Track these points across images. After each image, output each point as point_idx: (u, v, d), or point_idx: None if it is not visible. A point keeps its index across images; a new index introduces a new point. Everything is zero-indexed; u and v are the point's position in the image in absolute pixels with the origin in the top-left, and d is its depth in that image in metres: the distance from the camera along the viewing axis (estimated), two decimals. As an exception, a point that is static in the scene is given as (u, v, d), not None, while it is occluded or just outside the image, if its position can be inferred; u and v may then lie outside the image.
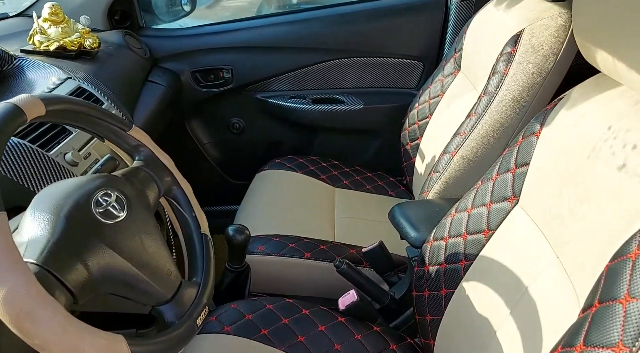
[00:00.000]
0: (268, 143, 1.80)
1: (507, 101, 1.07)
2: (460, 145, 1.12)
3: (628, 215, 0.53)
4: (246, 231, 1.07)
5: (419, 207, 1.09)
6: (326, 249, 1.22)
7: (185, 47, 1.62)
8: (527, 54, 1.05)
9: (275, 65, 1.66)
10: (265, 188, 1.51)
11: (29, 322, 0.49)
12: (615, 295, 0.49)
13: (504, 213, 0.81)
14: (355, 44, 1.63)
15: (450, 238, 0.90)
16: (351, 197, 1.53)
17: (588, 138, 0.65)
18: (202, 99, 1.69)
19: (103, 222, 0.65)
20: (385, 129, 1.69)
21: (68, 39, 1.22)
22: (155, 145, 0.84)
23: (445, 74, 1.43)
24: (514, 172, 0.81)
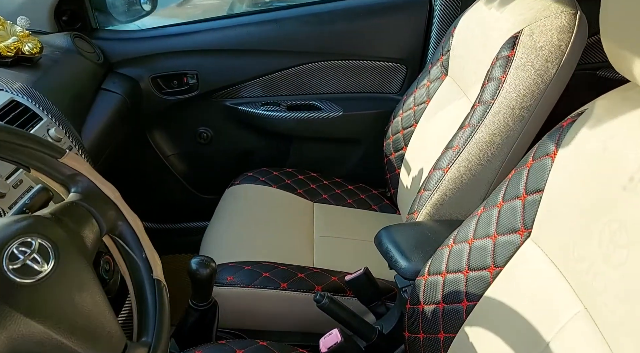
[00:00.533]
0: (239, 154, 1.65)
1: (505, 111, 0.95)
2: (454, 160, 1.00)
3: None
4: (212, 264, 0.93)
5: (409, 231, 0.97)
6: (305, 277, 1.09)
7: (144, 50, 1.46)
8: (526, 58, 0.94)
9: (245, 70, 1.51)
10: (236, 205, 1.37)
11: None
12: None
13: (513, 247, 0.69)
14: (333, 45, 1.50)
15: (449, 274, 0.78)
16: (331, 213, 1.40)
17: (623, 165, 0.54)
18: (164, 107, 1.53)
19: (18, 282, 0.51)
20: (366, 137, 1.56)
21: (3, 44, 1.06)
22: (96, 174, 0.70)
23: (431, 79, 1.32)
24: (524, 199, 0.69)
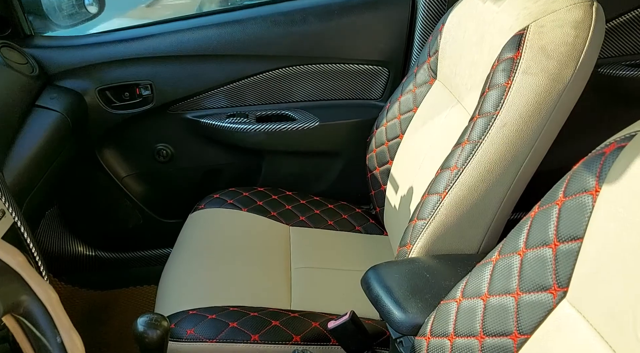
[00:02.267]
0: (203, 173, 1.47)
1: (512, 124, 0.79)
2: (452, 183, 0.84)
3: None
4: (163, 323, 0.75)
5: (402, 272, 0.80)
6: (280, 326, 0.92)
7: (88, 59, 1.27)
8: (535, 60, 0.78)
9: (207, 78, 1.33)
10: (200, 234, 1.20)
11: None
12: None
13: (544, 310, 0.53)
14: (305, 48, 1.33)
15: (458, 338, 0.62)
16: (310, 238, 1.24)
17: None
18: (115, 123, 1.34)
19: None
20: (347, 149, 1.40)
21: None
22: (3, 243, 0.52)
23: (417, 83, 1.16)
24: (556, 248, 0.53)
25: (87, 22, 1.36)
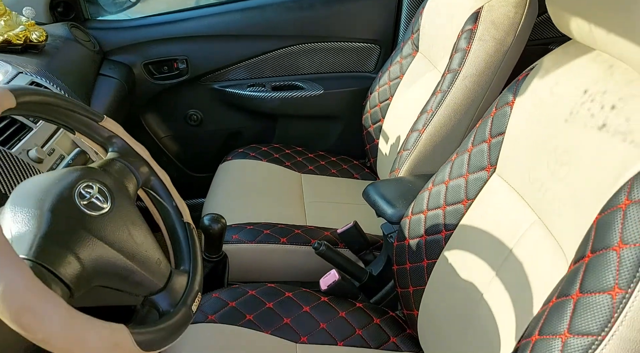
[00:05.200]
0: (228, 134, 1.77)
1: (471, 76, 1.10)
2: (428, 122, 1.15)
3: (613, 170, 0.57)
4: (222, 220, 1.05)
5: (392, 185, 1.11)
6: (301, 233, 1.22)
7: (135, 38, 1.56)
8: (487, 30, 1.09)
9: (231, 54, 1.63)
10: (230, 178, 1.49)
11: (30, 317, 0.47)
12: (608, 243, 0.52)
13: (482, 182, 0.84)
14: (311, 29, 1.63)
15: (430, 211, 0.93)
16: (318, 182, 1.54)
17: (564, 103, 0.69)
18: (156, 92, 1.63)
19: (89, 214, 0.63)
20: (346, 113, 1.70)
21: (12, 33, 1.15)
22: (129, 136, 0.81)
23: (403, 55, 1.46)
24: (490, 142, 0.84)
25: (130, 8, 1.65)
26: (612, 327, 0.50)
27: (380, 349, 0.98)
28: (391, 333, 1.00)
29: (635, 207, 0.51)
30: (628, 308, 0.49)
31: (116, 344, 0.54)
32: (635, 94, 0.58)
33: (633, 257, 0.49)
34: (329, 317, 1.00)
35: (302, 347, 0.95)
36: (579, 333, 0.52)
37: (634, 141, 0.55)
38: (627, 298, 0.49)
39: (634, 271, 0.49)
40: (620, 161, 0.56)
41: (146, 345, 0.57)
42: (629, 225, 0.51)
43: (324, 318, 0.99)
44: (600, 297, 0.51)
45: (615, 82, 0.62)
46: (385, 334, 1.00)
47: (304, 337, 0.96)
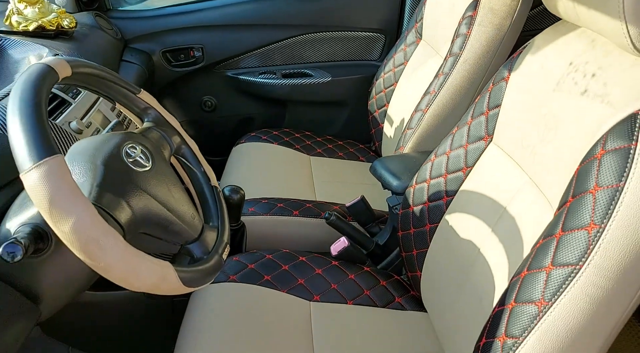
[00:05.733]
0: (241, 119, 1.86)
1: (471, 59, 1.19)
2: (431, 102, 1.24)
3: (592, 128, 0.66)
4: (241, 191, 1.14)
5: (397, 160, 1.20)
6: (312, 207, 1.31)
7: (154, 27, 1.65)
8: (486, 16, 1.18)
9: (244, 43, 1.72)
10: (244, 159, 1.58)
11: (95, 248, 0.56)
12: (586, 188, 0.61)
13: (480, 151, 0.93)
14: (320, 19, 1.72)
15: (432, 180, 1.02)
16: (326, 164, 1.63)
17: (553, 75, 0.78)
18: (173, 79, 1.72)
19: (135, 169, 0.72)
20: (352, 99, 1.79)
21: (46, 19, 1.24)
22: (162, 108, 0.90)
23: (407, 43, 1.55)
24: (487, 114, 0.92)
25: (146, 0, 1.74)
26: (588, 257, 0.58)
27: (387, 308, 1.07)
28: (396, 294, 1.09)
29: (609, 155, 0.60)
30: (601, 240, 0.58)
31: (164, 278, 0.63)
32: (612, 63, 0.67)
33: (606, 197, 0.58)
34: (339, 278, 1.09)
35: (315, 304, 1.04)
36: (560, 265, 0.61)
37: (610, 102, 0.64)
38: (600, 232, 0.58)
39: (606, 208, 0.58)
40: (597, 119, 0.64)
41: (186, 281, 0.66)
42: (603, 170, 0.59)
43: (335, 279, 1.08)
44: (578, 233, 0.60)
45: (596, 53, 0.70)
46: (391, 295, 1.09)
47: (316, 295, 1.05)
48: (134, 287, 0.61)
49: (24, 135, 0.56)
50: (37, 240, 0.63)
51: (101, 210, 0.63)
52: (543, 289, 0.62)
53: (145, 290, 0.62)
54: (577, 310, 0.59)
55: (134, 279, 0.60)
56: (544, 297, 0.61)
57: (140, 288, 0.62)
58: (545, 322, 0.61)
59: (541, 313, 0.61)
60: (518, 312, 0.64)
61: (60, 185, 0.55)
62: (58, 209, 0.54)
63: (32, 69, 0.63)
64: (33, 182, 0.54)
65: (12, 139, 0.56)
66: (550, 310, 0.61)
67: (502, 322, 0.66)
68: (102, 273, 0.59)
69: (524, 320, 0.63)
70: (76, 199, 0.55)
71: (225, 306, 0.99)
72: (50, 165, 0.55)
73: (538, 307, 0.62)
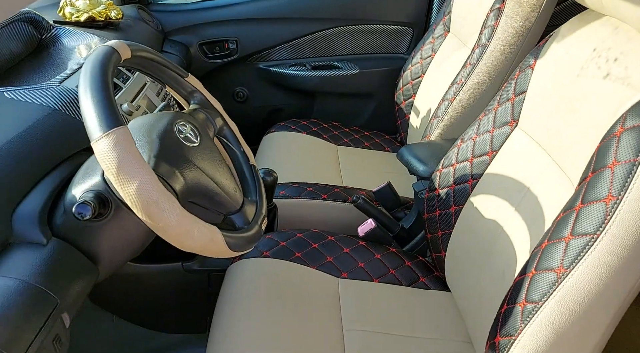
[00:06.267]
0: (271, 110, 1.93)
1: (498, 50, 1.23)
2: (458, 91, 1.28)
3: (613, 108, 0.70)
4: (274, 173, 1.20)
5: (424, 146, 1.25)
6: (340, 191, 1.37)
7: (192, 20, 1.73)
8: (513, 8, 1.21)
9: (276, 36, 1.79)
10: (274, 147, 1.65)
11: (155, 209, 0.62)
12: (605, 163, 0.66)
13: (506, 135, 0.97)
14: (349, 13, 1.77)
15: (458, 164, 1.06)
16: (352, 153, 1.68)
17: (577, 61, 0.82)
18: (209, 70, 1.80)
19: (186, 144, 0.78)
20: (379, 91, 1.84)
21: (96, 10, 1.32)
22: (207, 91, 0.97)
23: (435, 36, 1.59)
24: (513, 100, 0.97)
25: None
26: (605, 227, 0.63)
27: (411, 287, 1.12)
28: (421, 274, 1.14)
29: (627, 132, 0.64)
30: (618, 211, 0.62)
31: (212, 240, 0.69)
32: (634, 48, 0.71)
33: (624, 171, 0.62)
34: (366, 257, 1.14)
35: (343, 281, 1.09)
36: (579, 235, 0.65)
37: (631, 83, 0.68)
38: (617, 203, 0.62)
39: (623, 181, 0.62)
40: (619, 101, 0.69)
41: (231, 245, 0.73)
42: (622, 146, 0.64)
43: (362, 258, 1.14)
44: (597, 205, 0.64)
45: (619, 39, 0.74)
46: (415, 274, 1.14)
47: (344, 273, 1.11)
48: (185, 246, 0.68)
49: (94, 108, 0.63)
50: (99, 205, 0.71)
51: (160, 179, 0.70)
52: (562, 257, 0.66)
53: (195, 251, 0.69)
54: (594, 276, 0.63)
55: (187, 239, 0.67)
56: (562, 265, 0.66)
57: (192, 248, 0.68)
58: (563, 287, 0.65)
59: (560, 280, 0.66)
60: (538, 280, 0.69)
61: (126, 152, 0.61)
62: (124, 173, 0.61)
63: (98, 50, 0.70)
64: (103, 149, 0.61)
65: (84, 111, 0.63)
66: (568, 277, 0.65)
67: (522, 289, 0.71)
68: (160, 233, 0.66)
69: (544, 287, 0.68)
70: (140, 165, 0.62)
71: (258, 280, 1.05)
72: (117, 134, 0.62)
73: (557, 274, 0.66)
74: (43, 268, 0.67)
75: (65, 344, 0.68)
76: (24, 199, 0.72)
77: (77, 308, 0.74)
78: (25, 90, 0.87)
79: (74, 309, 0.72)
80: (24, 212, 0.70)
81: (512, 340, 0.70)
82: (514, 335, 0.70)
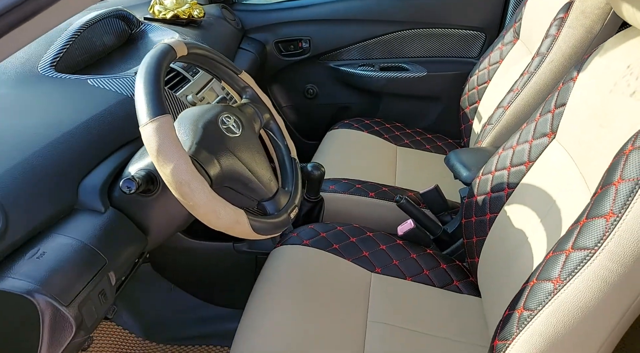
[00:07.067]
0: (338, 107, 2.00)
1: (557, 61, 1.21)
2: (513, 100, 1.27)
3: (631, 127, 0.69)
4: (322, 168, 1.28)
5: (471, 153, 1.26)
6: (387, 191, 1.41)
7: (271, 19, 1.85)
8: (577, 19, 1.19)
9: (348, 36, 1.85)
10: (334, 143, 1.72)
11: (187, 189, 0.72)
12: (612, 180, 0.66)
13: (543, 146, 0.97)
14: (420, 16, 1.79)
15: (497, 172, 1.07)
16: (411, 154, 1.71)
17: (612, 77, 0.81)
18: (282, 67, 1.91)
19: (227, 135, 0.88)
20: (446, 95, 1.85)
21: (180, 9, 1.48)
22: (258, 88, 1.06)
23: (505, 42, 1.57)
24: (554, 112, 0.96)
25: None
26: (604, 242, 0.63)
27: (444, 289, 1.15)
28: (455, 277, 1.16)
29: (636, 151, 0.64)
30: (617, 228, 0.62)
31: (237, 221, 0.78)
32: (664, 67, 0.70)
33: (627, 189, 0.63)
34: (401, 256, 1.18)
35: (376, 276, 1.15)
36: (578, 248, 0.66)
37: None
38: (617, 221, 0.62)
39: (625, 199, 0.62)
40: (637, 118, 0.68)
41: (256, 228, 0.81)
42: (628, 164, 0.63)
43: (397, 256, 1.18)
44: (598, 221, 0.65)
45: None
46: (449, 277, 1.16)
47: (378, 268, 1.16)
48: (213, 224, 0.77)
49: (145, 98, 0.74)
50: (148, 182, 0.82)
51: (196, 163, 0.80)
52: (560, 269, 0.67)
53: (222, 229, 0.78)
54: (589, 290, 0.64)
55: (214, 218, 0.76)
56: (560, 276, 0.67)
57: (219, 227, 0.78)
58: (558, 298, 0.67)
59: (556, 290, 0.67)
60: (537, 289, 0.70)
61: (166, 138, 0.72)
62: (162, 156, 0.72)
63: (157, 46, 0.81)
64: (147, 134, 0.72)
65: (136, 100, 0.75)
66: (564, 288, 0.66)
67: (523, 296, 0.73)
68: (191, 211, 0.76)
69: (541, 296, 0.69)
70: (177, 150, 0.72)
71: (295, 265, 1.13)
72: (161, 122, 0.72)
73: (554, 285, 0.68)
74: (98, 232, 0.80)
75: (109, 298, 0.81)
76: (89, 173, 0.85)
77: (123, 270, 0.86)
78: (105, 78, 1.02)
79: (120, 270, 0.84)
80: (88, 184, 0.84)
81: (506, 345, 0.72)
82: (508, 340, 0.72)
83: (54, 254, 0.73)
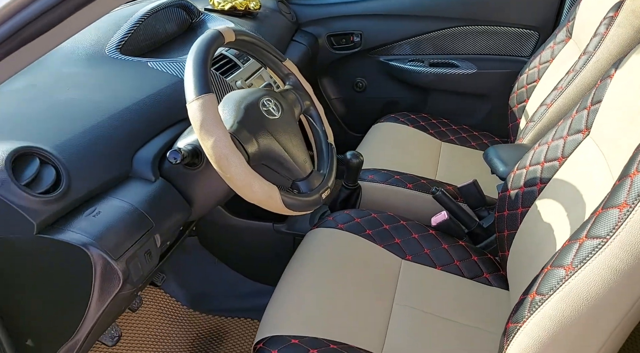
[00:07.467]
0: (386, 101, 2.04)
1: (603, 60, 1.19)
2: (556, 97, 1.27)
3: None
4: (360, 157, 1.33)
5: (510, 148, 1.27)
6: (425, 183, 1.44)
7: (324, 14, 1.91)
8: (627, 18, 1.17)
9: (399, 32, 1.88)
10: (379, 136, 1.76)
11: (225, 162, 0.80)
12: (628, 172, 0.67)
13: (577, 143, 0.97)
14: (474, 13, 1.80)
15: (531, 167, 1.08)
16: (456, 151, 1.72)
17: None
18: (333, 60, 1.97)
19: (266, 117, 0.95)
20: (495, 92, 1.84)
21: (238, 1, 1.56)
22: (301, 76, 1.13)
23: (557, 41, 1.56)
24: (589, 108, 0.96)
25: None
26: (616, 232, 0.65)
27: (473, 280, 1.17)
28: (486, 270, 1.18)
29: (655, 145, 0.65)
30: (629, 218, 0.64)
31: (270, 196, 0.85)
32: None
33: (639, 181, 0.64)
34: (433, 245, 1.21)
35: (406, 263, 1.18)
36: (592, 237, 0.68)
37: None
38: (630, 211, 0.64)
39: (639, 190, 0.64)
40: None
41: (287, 204, 0.88)
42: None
43: (429, 245, 1.21)
44: (612, 211, 0.66)
45: (685, 54, 0.73)
46: (480, 269, 1.18)
47: (409, 256, 1.20)
48: (247, 197, 0.84)
49: (192, 78, 0.82)
50: (194, 156, 0.91)
51: (235, 140, 0.87)
52: (573, 256, 0.69)
53: (255, 202, 0.85)
54: (599, 278, 0.66)
55: (248, 191, 0.83)
56: (572, 263, 0.69)
57: (252, 200, 0.85)
58: (569, 284, 0.69)
59: (567, 276, 0.69)
60: (549, 274, 0.73)
61: (209, 114, 0.80)
62: (205, 130, 0.79)
63: (207, 32, 0.89)
64: (193, 110, 0.80)
65: (185, 79, 0.83)
66: (575, 274, 0.68)
67: (537, 281, 0.75)
68: (228, 183, 0.83)
69: (553, 281, 0.71)
70: (217, 126, 0.80)
71: (328, 247, 1.19)
72: (205, 100, 0.80)
73: (565, 271, 0.70)
74: (147, 198, 0.89)
75: (154, 258, 0.89)
76: (144, 146, 0.94)
77: (169, 235, 0.95)
78: (163, 61, 1.11)
79: (166, 235, 0.93)
80: (142, 155, 0.93)
81: (517, 327, 0.75)
82: (520, 323, 0.75)
83: (108, 214, 0.82)
